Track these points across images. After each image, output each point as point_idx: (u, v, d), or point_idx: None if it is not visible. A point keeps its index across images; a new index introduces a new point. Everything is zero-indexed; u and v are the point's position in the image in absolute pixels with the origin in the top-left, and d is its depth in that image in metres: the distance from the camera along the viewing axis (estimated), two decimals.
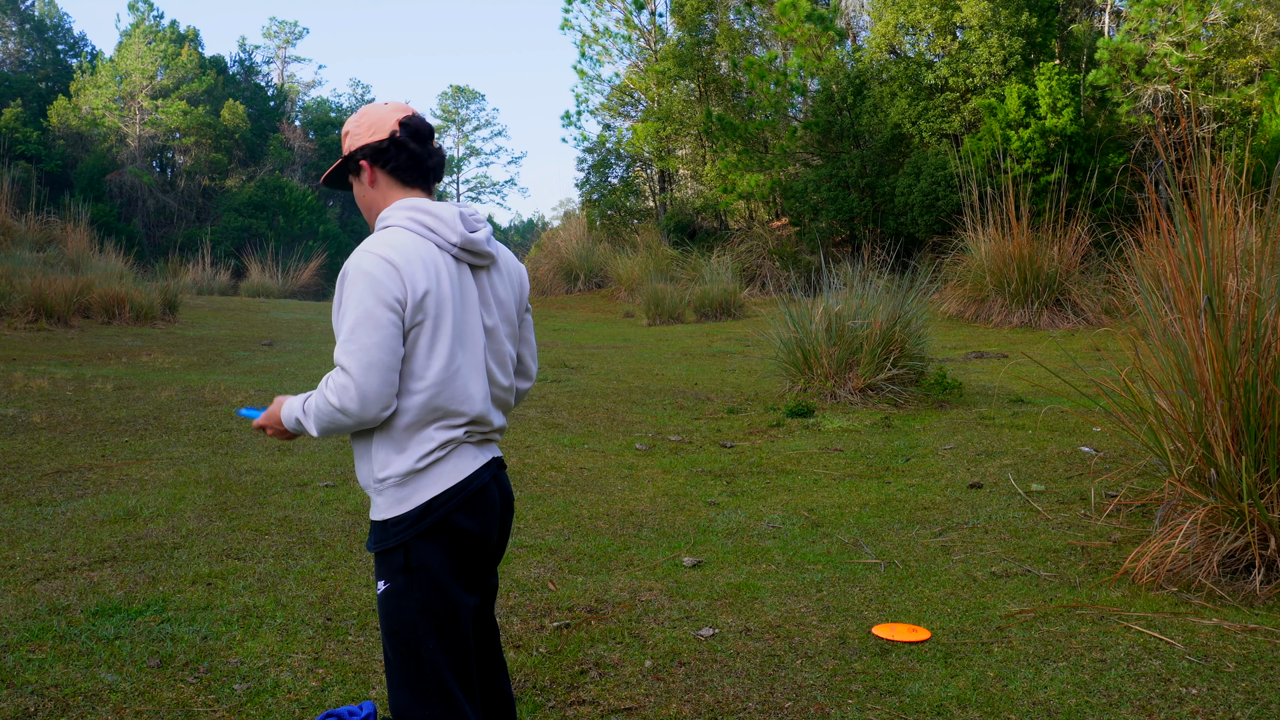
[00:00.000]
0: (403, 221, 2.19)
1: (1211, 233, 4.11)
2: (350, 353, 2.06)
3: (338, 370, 2.09)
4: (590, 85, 23.19)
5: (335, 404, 2.08)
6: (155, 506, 5.06)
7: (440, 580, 2.17)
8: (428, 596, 2.16)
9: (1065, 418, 6.71)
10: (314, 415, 2.14)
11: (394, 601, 2.16)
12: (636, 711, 3.02)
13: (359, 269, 2.09)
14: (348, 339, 2.07)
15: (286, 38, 44.51)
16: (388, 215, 2.22)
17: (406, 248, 2.13)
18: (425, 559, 2.16)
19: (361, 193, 2.31)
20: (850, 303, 8.00)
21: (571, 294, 20.15)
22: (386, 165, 2.26)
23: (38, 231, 18.12)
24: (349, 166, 2.30)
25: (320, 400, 2.12)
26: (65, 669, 3.21)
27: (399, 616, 2.16)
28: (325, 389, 2.11)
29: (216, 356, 10.59)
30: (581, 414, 7.59)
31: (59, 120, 31.21)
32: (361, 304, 2.06)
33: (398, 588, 2.16)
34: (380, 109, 2.28)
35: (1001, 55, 15.26)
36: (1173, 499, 4.08)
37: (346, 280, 2.10)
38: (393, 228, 2.18)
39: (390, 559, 2.18)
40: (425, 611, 2.16)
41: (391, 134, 2.24)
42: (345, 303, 2.09)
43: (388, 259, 2.10)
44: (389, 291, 2.07)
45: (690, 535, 4.74)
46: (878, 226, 16.86)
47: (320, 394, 2.12)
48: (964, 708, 2.98)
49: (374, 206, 2.29)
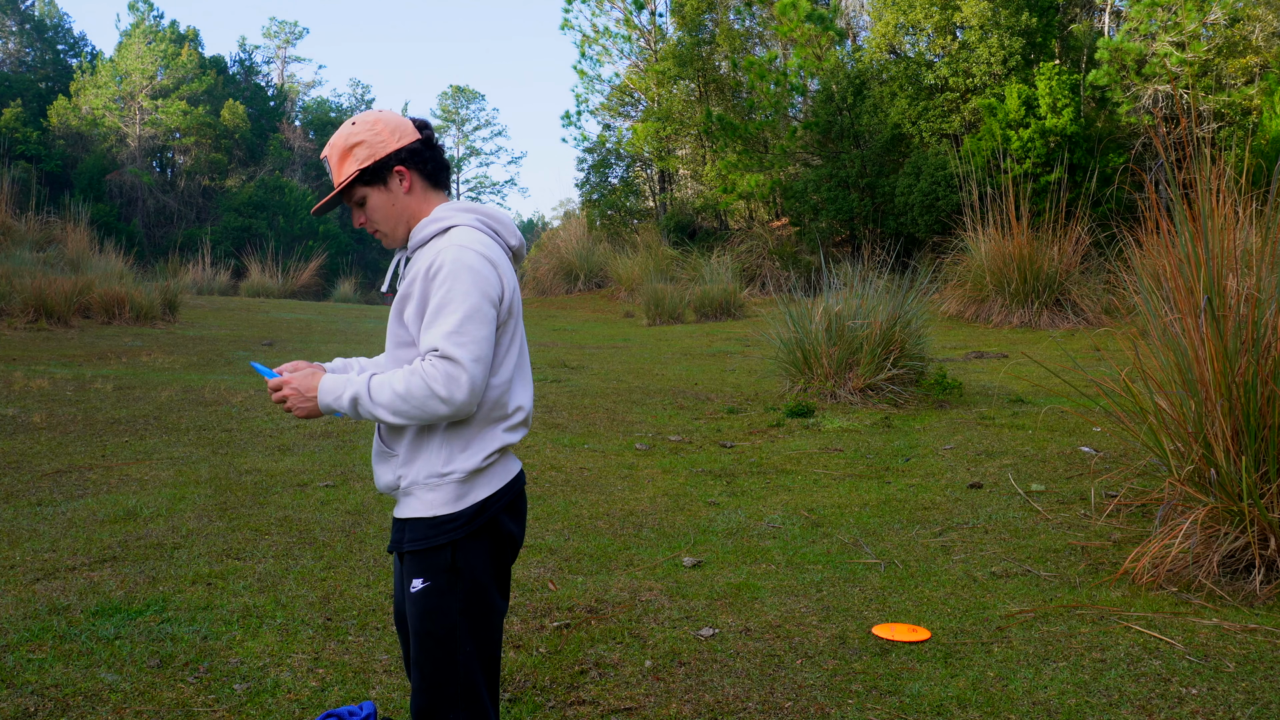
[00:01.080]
0: (472, 223, 2.17)
1: (1211, 233, 4.11)
2: (462, 344, 2.02)
3: (443, 360, 2.02)
4: (590, 85, 23.20)
5: (441, 393, 2.02)
6: (155, 506, 5.06)
7: (481, 582, 2.16)
8: (469, 598, 2.15)
9: (1065, 418, 6.72)
10: (397, 400, 2.04)
11: (433, 601, 2.13)
12: (636, 711, 3.02)
13: (460, 263, 2.05)
14: (458, 330, 2.02)
15: (286, 38, 44.51)
16: (447, 216, 2.17)
17: (493, 248, 2.14)
18: (470, 559, 2.15)
19: (391, 201, 2.19)
20: (850, 303, 8.00)
21: (571, 294, 20.15)
22: (425, 168, 2.20)
23: (38, 231, 18.12)
24: (374, 178, 2.18)
25: (417, 385, 2.02)
26: (65, 669, 3.21)
27: (438, 617, 2.13)
28: (426, 377, 2.02)
29: (216, 356, 10.59)
30: (581, 414, 7.59)
31: (59, 120, 31.22)
32: (469, 297, 2.04)
33: (439, 587, 2.13)
34: (389, 114, 2.22)
35: (1001, 55, 15.26)
36: (1173, 499, 4.08)
37: (444, 273, 2.05)
38: (464, 228, 2.15)
39: (434, 557, 2.14)
40: (465, 613, 2.14)
41: (419, 139, 2.20)
42: (449, 295, 2.04)
43: (487, 257, 2.10)
44: (493, 288, 2.09)
45: (690, 535, 4.74)
46: (878, 226, 16.86)
47: (416, 379, 2.03)
48: (964, 708, 2.98)
49: (411, 214, 2.21)
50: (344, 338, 13.01)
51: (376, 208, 2.20)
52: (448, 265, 2.05)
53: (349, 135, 2.18)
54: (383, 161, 2.16)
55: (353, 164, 2.17)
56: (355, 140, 2.17)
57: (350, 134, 2.18)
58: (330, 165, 2.20)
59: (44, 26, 35.76)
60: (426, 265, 2.08)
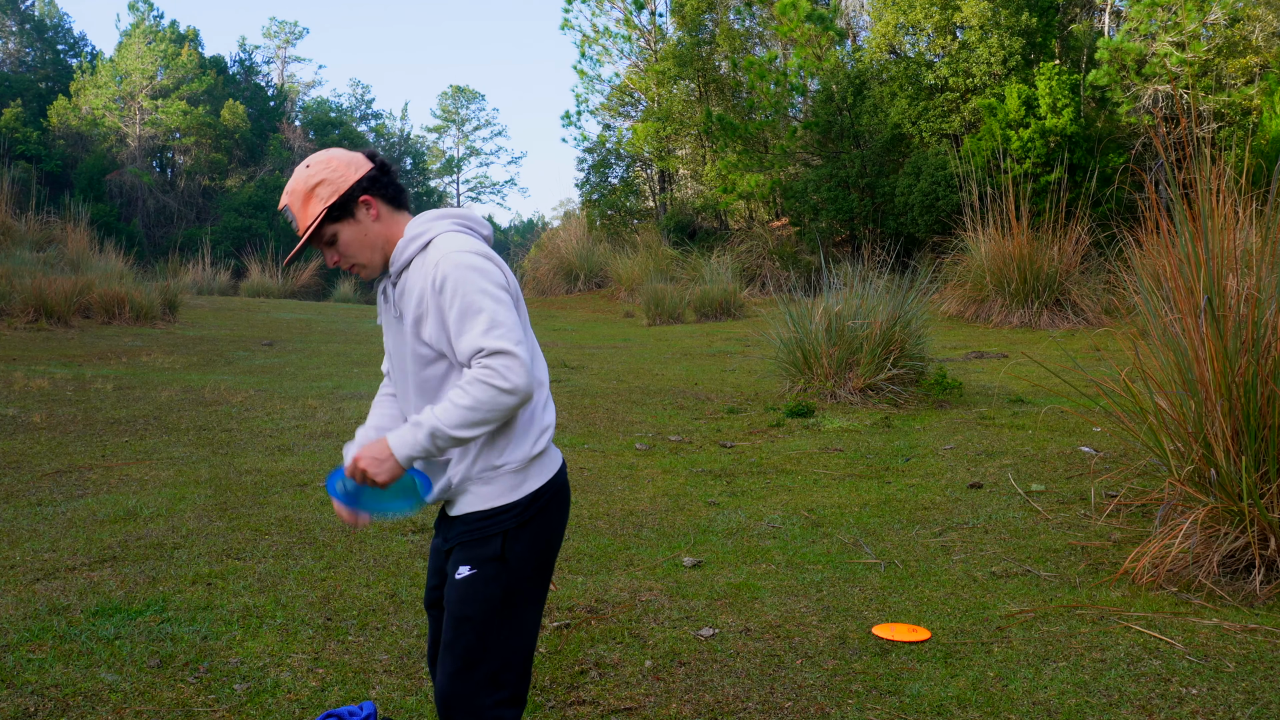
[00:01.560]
0: (449, 228, 2.20)
1: (1211, 233, 4.11)
2: (501, 335, 2.05)
3: (492, 357, 2.04)
4: (590, 85, 23.20)
5: (506, 385, 2.03)
6: (155, 506, 5.06)
7: (526, 572, 2.21)
8: (513, 587, 2.18)
9: (1065, 418, 6.72)
10: (468, 414, 2.05)
11: (477, 589, 2.16)
12: (636, 711, 3.02)
13: (460, 267, 2.09)
14: (491, 325, 2.06)
15: (286, 38, 44.53)
16: (423, 230, 2.19)
17: (479, 244, 2.19)
18: (519, 549, 2.19)
19: (363, 231, 2.21)
20: (850, 303, 7.99)
21: (571, 294, 20.15)
22: (387, 192, 2.22)
23: (38, 231, 18.11)
24: (342, 212, 2.19)
25: (481, 391, 2.04)
26: (65, 669, 3.21)
27: (479, 603, 2.16)
28: (486, 378, 2.04)
29: (216, 356, 10.59)
30: (581, 414, 7.59)
31: (59, 120, 31.22)
32: (484, 293, 2.08)
33: (485, 575, 2.16)
34: (338, 150, 2.25)
35: (1001, 55, 15.26)
36: (1173, 499, 4.08)
37: (450, 282, 2.08)
38: (444, 235, 2.18)
39: (484, 546, 2.17)
40: (506, 601, 2.17)
41: (373, 166, 2.23)
42: (467, 299, 2.07)
43: (480, 253, 2.14)
44: (497, 277, 2.13)
45: (690, 535, 4.74)
46: (878, 226, 16.86)
47: (477, 386, 2.04)
48: (964, 708, 2.98)
49: (385, 239, 2.22)
50: (344, 338, 13.02)
51: (350, 241, 2.20)
52: (452, 273, 2.08)
53: (308, 178, 2.18)
54: (348, 194, 2.18)
55: (318, 204, 2.17)
56: (315, 180, 2.18)
57: (309, 176, 2.18)
58: (293, 212, 2.19)
59: (44, 26, 35.77)
60: (429, 281, 2.11)
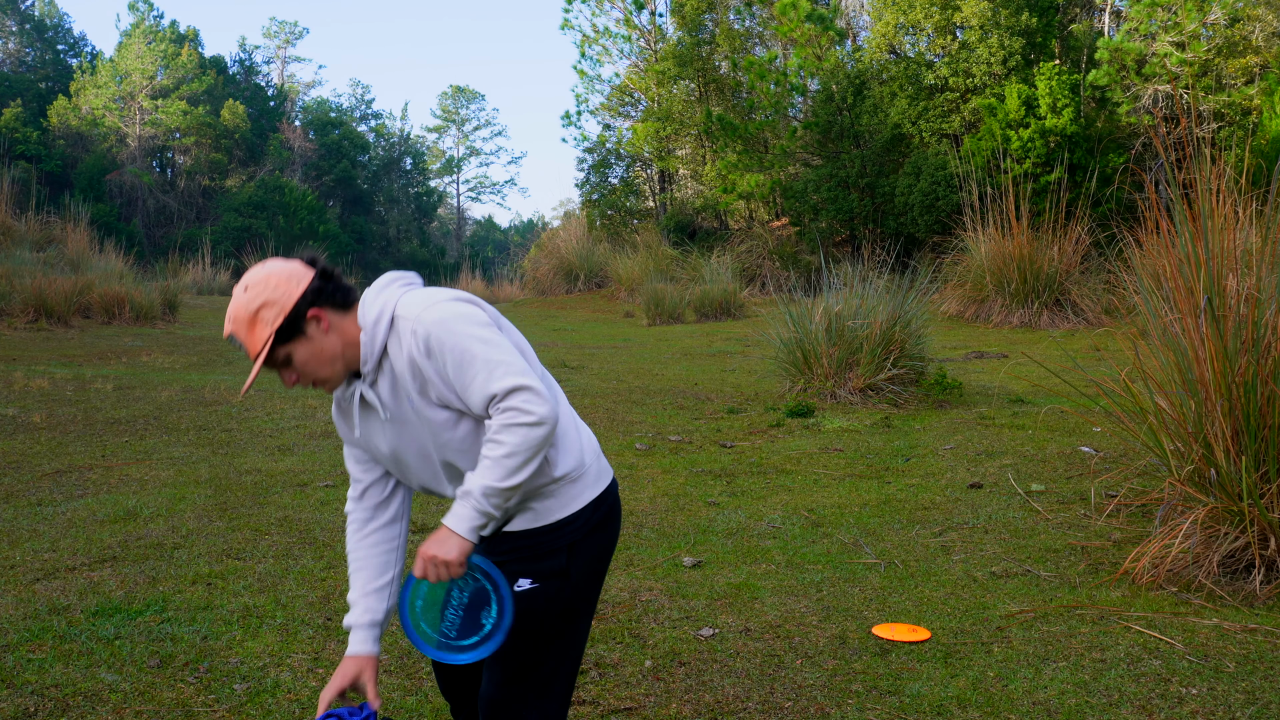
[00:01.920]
0: (401, 290, 2.12)
1: (1211, 233, 4.11)
2: (507, 372, 1.98)
3: (508, 397, 1.97)
4: (590, 85, 23.21)
5: (532, 419, 1.97)
6: (155, 506, 5.06)
7: (585, 584, 2.17)
8: (572, 600, 2.15)
9: (1065, 418, 6.72)
10: (508, 462, 1.98)
11: (537, 602, 2.11)
12: (636, 711, 3.02)
13: (438, 323, 2.00)
14: (491, 369, 1.98)
15: (286, 38, 44.53)
16: (380, 307, 2.08)
17: (441, 290, 2.10)
18: (580, 562, 2.15)
19: (318, 347, 2.07)
20: (850, 303, 7.99)
21: (571, 294, 20.15)
22: (335, 299, 2.09)
23: (38, 231, 18.12)
24: (291, 332, 2.05)
25: (511, 435, 1.97)
26: (65, 669, 3.21)
27: (536, 617, 2.12)
28: (512, 421, 1.97)
29: (216, 356, 10.59)
30: (581, 414, 7.59)
31: (59, 120, 31.23)
32: (472, 338, 2.00)
33: (549, 591, 2.12)
34: (274, 264, 2.10)
35: (1001, 55, 15.26)
36: (1173, 499, 4.08)
37: (435, 340, 2.00)
38: (402, 301, 2.09)
39: (549, 561, 2.12)
40: (563, 616, 2.14)
41: (314, 274, 2.09)
42: (459, 350, 1.99)
43: (448, 299, 2.06)
44: (478, 316, 2.05)
45: (690, 535, 4.74)
46: (878, 226, 16.86)
47: (505, 433, 1.97)
48: (964, 708, 2.98)
49: (343, 345, 2.09)
50: None
51: (306, 360, 2.08)
52: (433, 331, 2.01)
53: (249, 302, 2.04)
54: (295, 312, 2.04)
55: (264, 328, 2.03)
56: (257, 304, 2.04)
57: (249, 300, 2.04)
58: (240, 340, 2.06)
59: (44, 26, 35.77)
60: (414, 349, 2.02)
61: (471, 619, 2.11)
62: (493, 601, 2.09)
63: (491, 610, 2.09)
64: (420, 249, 39.75)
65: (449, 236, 50.87)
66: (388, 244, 39.03)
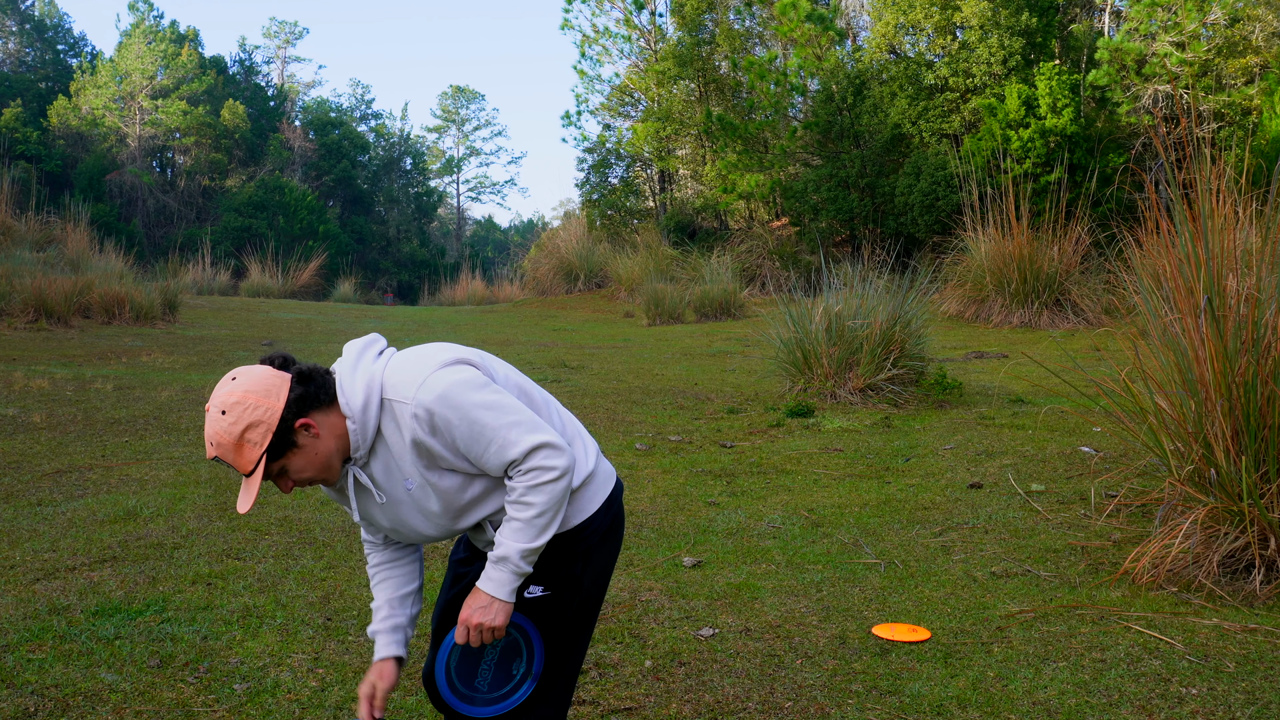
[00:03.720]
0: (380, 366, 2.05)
1: (1211, 233, 4.11)
2: (519, 435, 1.97)
3: (526, 458, 1.97)
4: (590, 85, 23.18)
5: (554, 476, 1.97)
6: (155, 506, 5.06)
7: (594, 591, 2.18)
8: (580, 608, 2.17)
9: (1065, 418, 6.71)
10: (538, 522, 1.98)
11: (548, 610, 2.13)
12: (636, 711, 3.02)
13: (441, 398, 1.96)
14: (504, 434, 1.96)
15: (286, 38, 44.52)
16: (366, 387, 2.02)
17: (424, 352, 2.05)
18: (594, 570, 2.16)
19: (314, 451, 2.01)
20: (850, 303, 7.99)
21: (571, 294, 20.14)
22: (318, 401, 2.02)
23: (38, 231, 18.11)
24: (283, 447, 1.99)
25: (536, 496, 1.97)
26: (65, 669, 3.21)
27: (548, 626, 2.14)
28: (534, 482, 1.97)
29: (216, 356, 10.59)
30: (581, 414, 7.59)
31: (59, 120, 31.22)
32: (477, 406, 1.97)
33: (560, 599, 2.13)
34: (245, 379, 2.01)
35: (1001, 55, 15.26)
36: (1173, 499, 4.08)
37: (438, 419, 1.96)
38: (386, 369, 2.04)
39: (562, 568, 2.13)
40: (571, 622, 2.16)
41: (290, 380, 2.03)
42: (469, 420, 1.96)
43: (437, 365, 2.00)
44: (474, 377, 2.01)
45: (690, 535, 4.74)
46: (878, 226, 16.86)
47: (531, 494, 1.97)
48: (964, 708, 2.98)
49: (336, 441, 2.03)
50: (344, 338, 12.96)
51: (302, 469, 2.02)
52: (436, 410, 1.96)
53: (229, 429, 1.95)
54: (283, 426, 1.98)
55: (253, 450, 1.96)
56: (241, 428, 1.96)
57: (231, 427, 1.95)
58: (227, 462, 1.99)
59: (44, 26, 35.76)
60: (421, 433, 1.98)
61: (503, 670, 2.13)
62: (524, 652, 2.11)
63: (522, 660, 2.11)
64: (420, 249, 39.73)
65: (449, 236, 50.85)
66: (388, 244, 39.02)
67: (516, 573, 2.01)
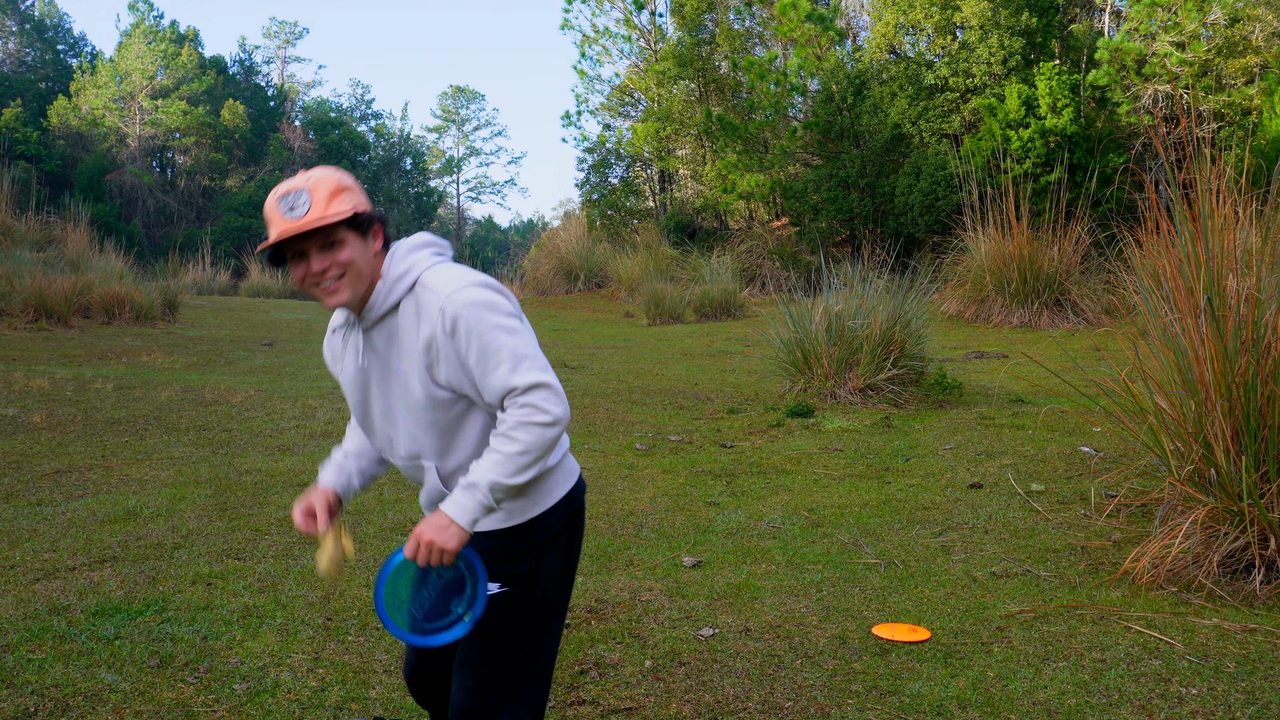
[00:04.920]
0: (432, 258, 2.11)
1: (1211, 233, 4.11)
2: (528, 369, 1.98)
3: (527, 393, 1.98)
4: (590, 85, 23.20)
5: (548, 419, 1.97)
6: (155, 506, 5.06)
7: (553, 588, 2.16)
8: (540, 605, 2.14)
9: (1065, 418, 6.71)
10: (520, 459, 1.98)
11: (506, 607, 2.11)
12: (636, 711, 3.02)
13: (470, 306, 1.99)
14: (516, 362, 1.98)
15: (286, 38, 44.52)
16: (408, 265, 2.08)
17: (473, 273, 2.08)
18: (549, 566, 2.14)
19: (365, 255, 2.05)
20: (850, 303, 7.99)
21: (571, 294, 20.14)
22: (385, 234, 2.11)
23: (38, 231, 18.10)
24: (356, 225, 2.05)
25: (526, 433, 1.97)
26: (65, 669, 3.21)
27: (505, 620, 2.11)
28: (527, 418, 1.97)
29: (216, 356, 10.59)
30: (581, 414, 7.59)
31: (59, 120, 31.22)
32: (500, 329, 2.00)
33: (516, 595, 2.11)
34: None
35: (1001, 55, 15.26)
36: (1173, 499, 4.08)
37: (461, 324, 1.99)
38: (433, 269, 2.09)
39: (517, 564, 2.11)
40: (533, 619, 2.13)
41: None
42: (486, 338, 1.98)
43: (480, 284, 2.04)
44: (506, 307, 2.04)
45: (690, 535, 4.74)
46: (878, 226, 16.86)
47: (520, 430, 1.98)
48: (964, 708, 2.98)
49: (373, 274, 2.08)
50: None
51: (351, 260, 2.03)
52: (463, 314, 1.99)
53: (338, 179, 2.04)
54: (370, 214, 2.06)
55: (345, 203, 2.01)
56: (345, 185, 2.04)
57: (339, 178, 2.04)
58: (310, 197, 1.99)
59: (44, 26, 35.76)
60: (438, 327, 2.00)
61: (442, 604, 2.10)
62: (467, 591, 2.08)
63: (464, 599, 2.08)
64: None
65: (449, 236, 50.81)
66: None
67: (483, 504, 1.99)
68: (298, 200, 1.99)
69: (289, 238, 2.00)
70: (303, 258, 2.03)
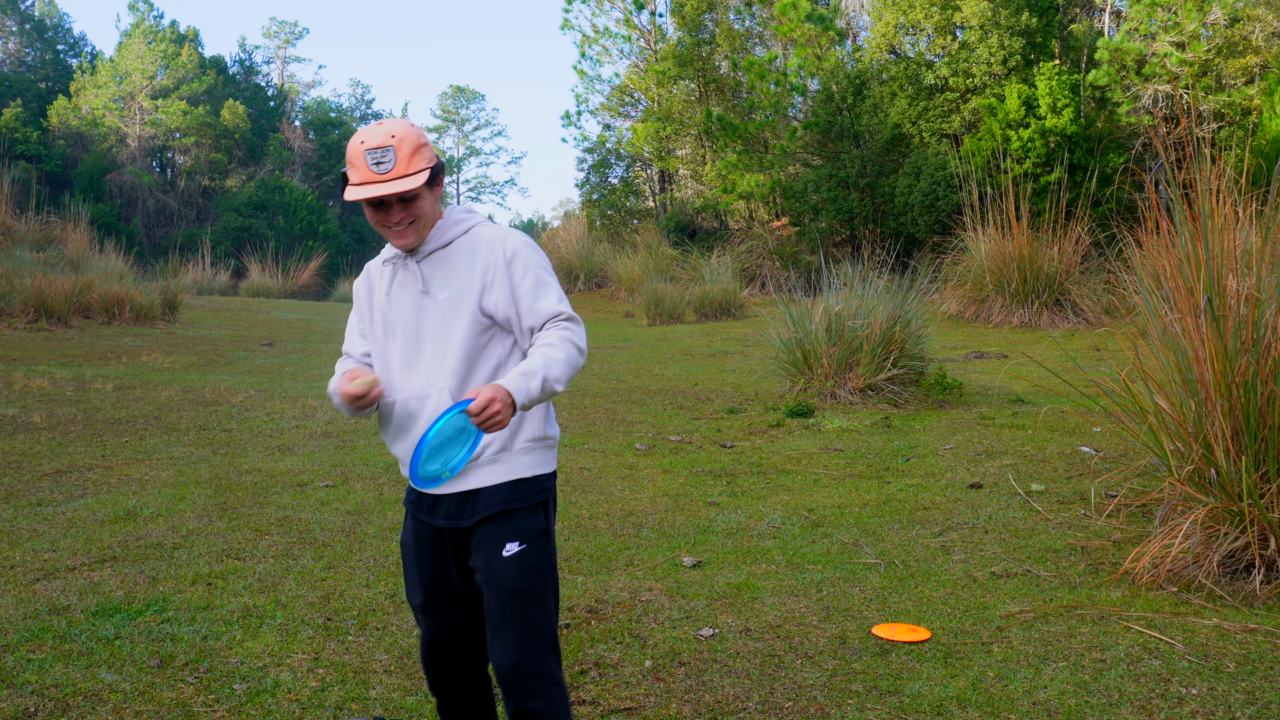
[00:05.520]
0: (485, 219, 2.42)
1: (1211, 233, 4.11)
2: (568, 305, 2.29)
3: (569, 321, 2.26)
4: (590, 85, 23.19)
5: (584, 346, 2.26)
6: (155, 506, 5.06)
7: (553, 543, 2.36)
8: (552, 557, 2.34)
9: (1065, 418, 6.71)
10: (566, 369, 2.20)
11: (531, 560, 2.28)
12: (636, 711, 3.02)
13: (527, 246, 2.31)
14: (561, 297, 2.28)
15: (286, 38, 44.50)
16: (466, 217, 2.38)
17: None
18: (552, 520, 2.36)
19: (433, 204, 2.34)
20: (850, 303, 7.99)
21: (571, 294, 20.14)
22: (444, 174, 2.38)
23: (38, 231, 18.10)
24: (432, 179, 2.31)
25: (570, 350, 2.22)
26: (65, 669, 3.21)
27: (536, 575, 2.28)
28: (572, 338, 2.23)
29: (216, 356, 10.59)
30: (581, 414, 7.59)
31: (59, 120, 31.21)
32: (549, 270, 2.33)
33: (536, 549, 2.29)
34: None
35: (1001, 55, 15.26)
36: (1173, 499, 4.08)
37: (520, 257, 2.28)
38: (485, 223, 2.39)
39: (530, 519, 2.30)
40: (551, 570, 2.32)
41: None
42: (540, 271, 2.29)
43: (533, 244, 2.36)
44: (550, 262, 2.38)
45: (690, 535, 4.74)
46: (878, 226, 16.86)
47: (566, 345, 2.22)
48: (964, 708, 2.98)
49: (434, 219, 2.35)
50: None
51: (424, 211, 2.30)
52: (521, 249, 2.29)
53: (419, 135, 2.27)
54: (439, 166, 2.33)
55: (424, 161, 2.26)
56: (423, 141, 2.28)
57: (419, 135, 2.28)
58: (396, 155, 2.22)
59: (44, 26, 35.75)
60: (499, 254, 2.28)
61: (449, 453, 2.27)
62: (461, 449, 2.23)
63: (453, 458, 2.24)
64: None
65: None
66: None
67: (533, 393, 2.14)
68: (384, 156, 2.23)
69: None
70: (380, 205, 2.29)
